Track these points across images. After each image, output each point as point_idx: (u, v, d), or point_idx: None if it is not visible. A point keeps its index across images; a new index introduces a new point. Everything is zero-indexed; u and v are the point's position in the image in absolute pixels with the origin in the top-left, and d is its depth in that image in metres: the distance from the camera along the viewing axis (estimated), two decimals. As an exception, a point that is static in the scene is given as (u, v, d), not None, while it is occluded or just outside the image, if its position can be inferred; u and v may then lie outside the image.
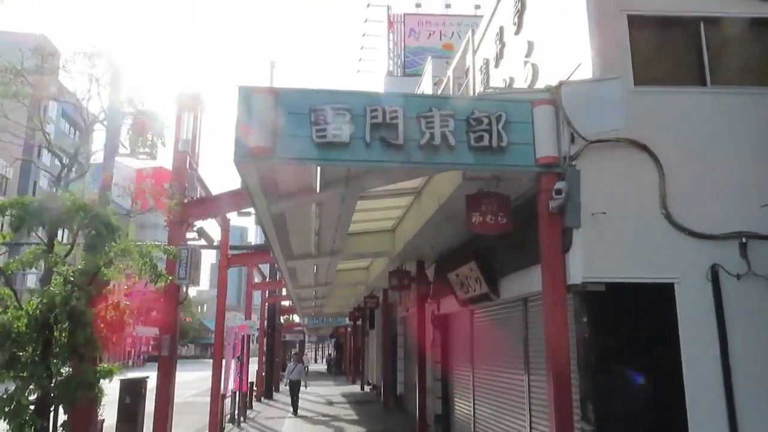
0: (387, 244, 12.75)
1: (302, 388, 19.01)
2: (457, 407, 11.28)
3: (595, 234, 6.12)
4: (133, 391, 8.81)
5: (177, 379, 17.13)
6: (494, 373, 9.09)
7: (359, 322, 30.35)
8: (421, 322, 13.27)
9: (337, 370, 49.13)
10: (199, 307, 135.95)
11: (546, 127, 6.32)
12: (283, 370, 45.98)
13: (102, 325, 5.54)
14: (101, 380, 5.97)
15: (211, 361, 15.29)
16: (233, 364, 15.59)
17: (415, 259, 13.24)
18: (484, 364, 9.66)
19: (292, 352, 20.23)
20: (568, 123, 6.38)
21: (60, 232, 6.26)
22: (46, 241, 5.88)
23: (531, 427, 7.44)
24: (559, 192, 6.08)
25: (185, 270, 8.22)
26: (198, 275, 8.58)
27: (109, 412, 8.69)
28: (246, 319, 17.40)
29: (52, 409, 5.73)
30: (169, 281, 6.59)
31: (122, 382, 9.05)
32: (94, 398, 5.79)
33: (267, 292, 23.13)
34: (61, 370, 5.79)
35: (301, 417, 16.82)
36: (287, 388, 18.45)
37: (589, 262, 6.03)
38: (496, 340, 9.09)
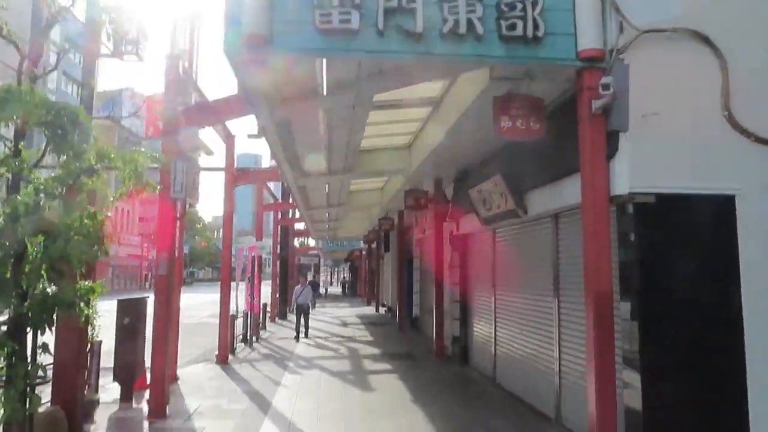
0: (402, 162, 11.92)
1: (311, 311, 18.64)
2: (476, 329, 10.81)
3: (644, 138, 5.24)
4: (132, 311, 8.36)
5: (193, 301, 16.87)
6: (518, 295, 8.47)
7: (374, 246, 30.03)
8: (438, 243, 12.63)
9: (352, 292, 49.66)
10: (215, 231, 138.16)
11: (590, 14, 5.38)
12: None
13: (78, 239, 4.86)
14: (86, 300, 5.36)
15: (246, 284, 15.02)
16: (244, 285, 15.26)
17: (433, 177, 12.44)
18: (507, 287, 9.05)
19: (302, 275, 19.59)
20: (617, 10, 5.42)
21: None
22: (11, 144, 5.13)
23: (560, 352, 6.85)
24: (605, 88, 5.17)
25: (181, 183, 7.51)
26: (196, 190, 7.89)
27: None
28: (257, 240, 16.94)
29: (30, 331, 5.16)
30: (157, 190, 5.88)
31: (120, 302, 8.60)
32: (77, 319, 5.19)
33: (279, 214, 22.59)
34: (47, 289, 5.20)
35: (316, 337, 16.67)
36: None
37: (637, 170, 5.18)
38: (521, 261, 8.41)
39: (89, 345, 7.84)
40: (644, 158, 5.21)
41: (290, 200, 18.21)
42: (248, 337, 15.03)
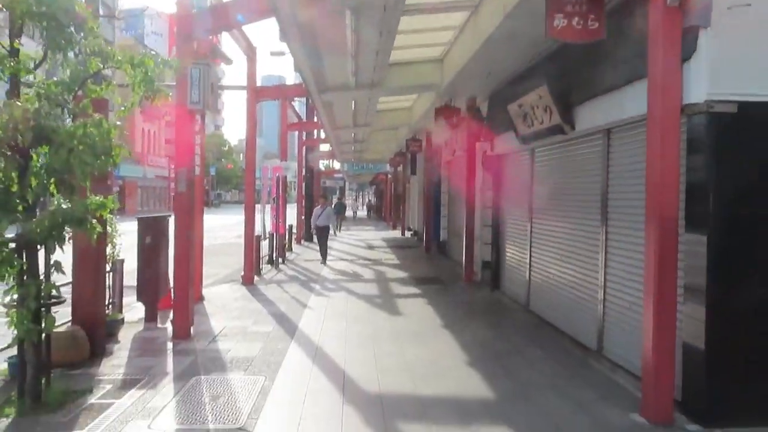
0: (434, 76, 11.10)
1: (336, 234, 18.25)
2: (508, 254, 10.35)
3: (730, 35, 4.46)
4: (153, 230, 8.06)
5: (220, 222, 16.67)
6: (559, 220, 7.90)
7: (400, 169, 29.41)
8: (470, 164, 11.99)
9: (377, 216, 49.61)
10: (241, 154, 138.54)
11: None
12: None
13: (82, 149, 4.40)
14: (98, 216, 4.99)
15: (256, 205, 14.70)
16: (269, 207, 14.95)
17: (466, 93, 11.63)
18: (545, 210, 8.47)
19: (327, 195, 18.20)
20: None
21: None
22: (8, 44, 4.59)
23: (605, 281, 6.36)
24: (686, -26, 4.37)
25: (198, 92, 6.94)
26: (216, 101, 7.33)
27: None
28: (281, 161, 16.47)
29: (41, 249, 4.82)
30: (169, 97, 5.34)
31: (140, 220, 8.29)
32: (91, 235, 4.83)
33: (304, 134, 21.96)
34: (62, 205, 4.81)
35: (341, 260, 16.50)
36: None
37: (718, 73, 4.44)
38: (563, 182, 7.78)
39: (110, 264, 7.62)
40: (728, 60, 4.45)
41: (315, 119, 17.52)
42: (274, 259, 14.89)
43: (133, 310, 8.55)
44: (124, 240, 7.95)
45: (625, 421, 4.63)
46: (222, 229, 28.73)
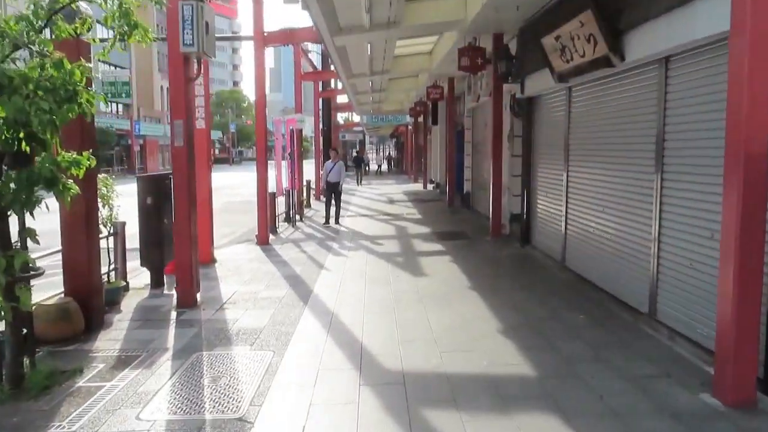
0: (457, 12, 10.05)
1: (359, 187, 17.22)
2: (540, 206, 9.52)
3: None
4: (155, 190, 7.39)
5: (239, 179, 15.97)
6: (601, 167, 7.02)
7: (420, 119, 28.30)
8: (496, 109, 11.02)
9: (398, 169, 48.68)
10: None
11: None
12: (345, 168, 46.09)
13: (40, 95, 3.66)
14: (72, 174, 4.30)
15: (273, 162, 13.99)
16: (285, 162, 14.21)
17: (492, 30, 10.57)
18: (584, 157, 7.58)
19: (332, 148, 16.82)
20: None
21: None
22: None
23: (659, 236, 5.53)
24: None
25: (192, 33, 6.12)
26: (212, 43, 6.48)
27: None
28: (296, 113, 15.63)
29: (10, 213, 4.19)
30: (150, 37, 4.54)
31: (140, 179, 7.63)
32: (65, 197, 4.16)
33: (320, 85, 20.96)
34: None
35: (360, 216, 15.81)
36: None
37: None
38: (607, 125, 6.85)
39: (109, 228, 7.02)
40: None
41: (331, 68, 16.51)
42: (291, 216, 14.26)
43: (140, 275, 8.00)
44: (130, 201, 7.36)
45: (696, 403, 3.89)
46: (242, 186, 28.22)
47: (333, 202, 13.89)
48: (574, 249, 7.95)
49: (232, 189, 27.33)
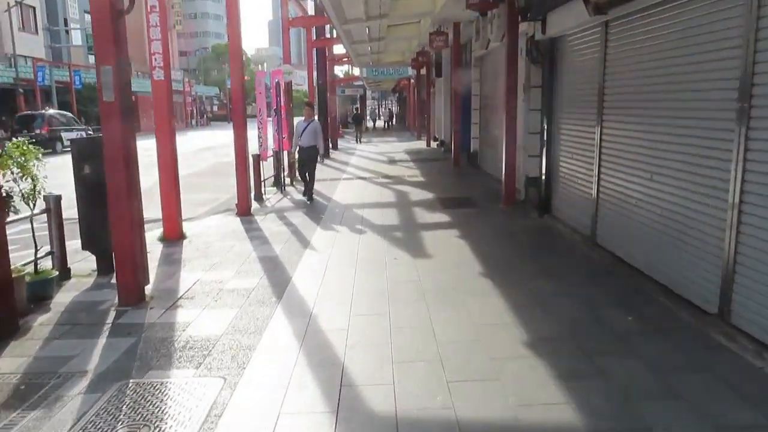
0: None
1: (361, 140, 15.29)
2: (564, 169, 8.09)
3: None
4: (91, 156, 5.97)
5: (228, 138, 14.38)
6: (647, 122, 5.57)
7: (423, 71, 26.47)
8: (511, 55, 9.43)
9: (401, 126, 46.85)
10: (259, 65, 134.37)
11: None
12: (345, 127, 44.13)
13: None
14: None
15: (273, 118, 12.49)
16: (272, 120, 12.71)
17: (507, -41, 8.91)
18: (625, 110, 6.11)
19: (307, 104, 11.23)
20: None
21: None
22: None
23: (739, 215, 4.14)
24: None
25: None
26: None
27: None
28: (285, 64, 14.02)
29: None
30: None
31: (73, 143, 6.22)
32: None
33: (314, 33, 19.14)
34: None
35: (357, 179, 14.39)
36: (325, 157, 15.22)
37: None
38: (661, 67, 5.36)
39: (33, 205, 5.65)
40: None
41: (324, 15, 14.77)
42: (281, 181, 12.84)
43: (90, 258, 6.68)
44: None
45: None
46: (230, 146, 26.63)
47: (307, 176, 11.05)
48: (608, 223, 6.56)
49: (224, 148, 25.78)
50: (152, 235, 8.08)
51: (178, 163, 8.05)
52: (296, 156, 11.67)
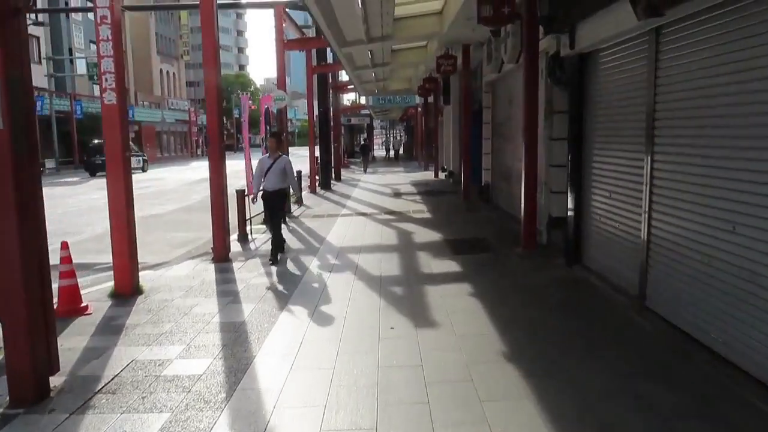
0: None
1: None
2: (599, 209, 6.68)
3: None
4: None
5: (235, 167, 13.12)
6: (725, 154, 4.17)
7: (431, 99, 25.31)
8: (529, 77, 8.10)
9: (407, 156, 45.69)
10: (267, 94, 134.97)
11: None
12: (350, 156, 42.98)
13: None
14: None
15: (262, 148, 11.16)
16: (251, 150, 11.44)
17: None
18: (688, 137, 4.72)
19: (272, 134, 8.78)
20: None
21: None
22: None
23: None
24: None
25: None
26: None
27: None
28: (279, 89, 12.82)
29: None
30: None
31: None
32: None
33: (314, 57, 18.00)
34: None
35: (358, 214, 13.04)
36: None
37: None
38: (740, 82, 3.98)
39: None
40: None
41: (322, 37, 13.60)
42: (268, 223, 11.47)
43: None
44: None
45: None
46: (234, 175, 25.46)
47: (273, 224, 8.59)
48: (665, 282, 5.11)
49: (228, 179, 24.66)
50: (104, 289, 6.74)
51: (133, 202, 6.70)
52: (253, 199, 8.79)
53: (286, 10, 13.38)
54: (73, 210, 15.63)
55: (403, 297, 6.26)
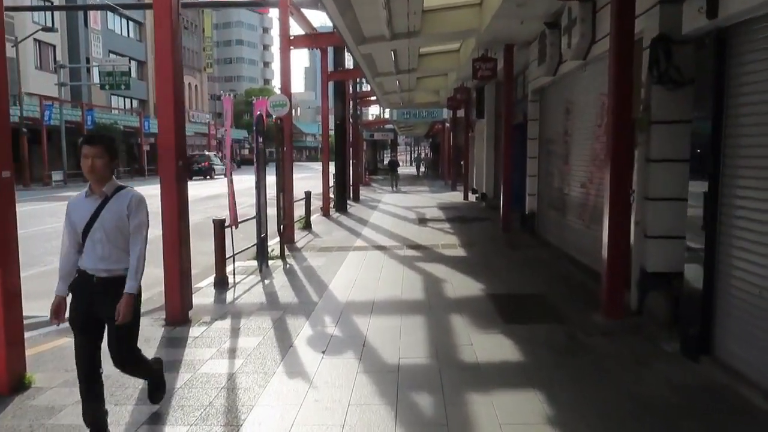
0: None
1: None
2: (749, 271, 4.13)
3: None
4: None
5: (251, 183, 10.57)
6: None
7: (461, 112, 22.91)
8: (620, 72, 5.62)
9: (433, 173, 43.26)
10: (293, 111, 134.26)
11: None
12: (373, 173, 40.57)
13: None
14: None
15: (307, 163, 8.90)
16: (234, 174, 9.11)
17: None
18: None
19: (90, 138, 3.02)
20: None
21: None
22: None
23: None
24: None
25: None
26: None
27: None
28: (279, 94, 10.53)
29: None
30: None
31: None
32: None
33: (330, 60, 15.76)
34: None
35: (374, 248, 10.61)
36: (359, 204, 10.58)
37: None
38: None
39: None
40: None
41: (334, 30, 11.29)
42: (264, 253, 9.11)
43: None
44: None
45: None
46: (246, 192, 23.29)
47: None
48: None
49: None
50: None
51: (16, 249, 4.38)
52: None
53: (293, 2, 11.11)
54: (51, 232, 13.50)
55: (435, 422, 3.76)
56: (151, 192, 6.15)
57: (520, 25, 9.92)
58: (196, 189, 28.73)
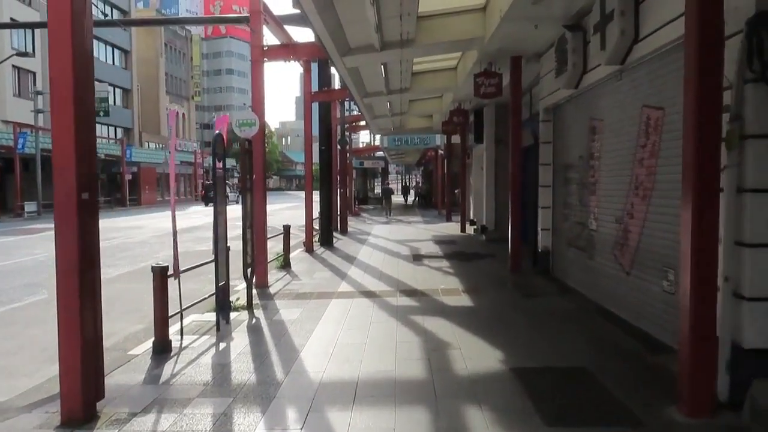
0: None
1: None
2: None
3: None
4: None
5: (238, 212, 8.77)
6: None
7: (455, 139, 21.39)
8: (703, 68, 4.01)
9: (425, 203, 41.67)
10: (283, 139, 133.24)
11: None
12: (363, 203, 38.88)
13: None
14: None
15: (297, 192, 7.19)
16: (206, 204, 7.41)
17: None
18: None
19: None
20: None
21: None
22: None
23: None
24: None
25: None
26: None
27: None
28: (247, 110, 8.88)
29: None
30: None
31: None
32: None
33: (315, 80, 14.21)
34: None
35: (361, 293, 8.86)
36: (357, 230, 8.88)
37: None
38: None
39: None
40: None
41: (317, 43, 9.69)
42: (226, 304, 7.31)
43: None
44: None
45: None
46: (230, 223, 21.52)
47: None
48: None
49: (209, 229, 20.68)
50: None
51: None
52: None
53: (268, 8, 9.55)
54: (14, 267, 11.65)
55: None
56: (132, 223, 4.35)
57: (533, 29, 8.40)
58: (181, 220, 26.98)
